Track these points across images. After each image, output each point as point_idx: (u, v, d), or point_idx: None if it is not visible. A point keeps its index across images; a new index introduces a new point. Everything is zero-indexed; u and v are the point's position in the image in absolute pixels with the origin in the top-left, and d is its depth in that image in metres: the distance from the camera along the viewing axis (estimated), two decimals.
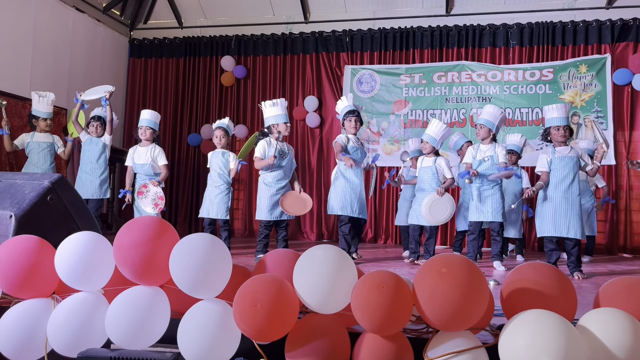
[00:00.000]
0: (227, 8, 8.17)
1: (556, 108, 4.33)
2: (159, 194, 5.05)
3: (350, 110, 4.95)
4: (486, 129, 4.65)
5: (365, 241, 7.41)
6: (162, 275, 1.88)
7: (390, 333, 1.68)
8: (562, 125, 4.26)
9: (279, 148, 4.92)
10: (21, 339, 1.90)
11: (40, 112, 5.39)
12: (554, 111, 4.32)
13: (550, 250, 4.29)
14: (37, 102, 5.36)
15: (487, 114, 4.70)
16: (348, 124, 4.93)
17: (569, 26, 7.02)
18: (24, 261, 1.96)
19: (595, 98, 6.84)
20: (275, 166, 4.89)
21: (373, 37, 7.66)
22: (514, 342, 1.47)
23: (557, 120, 4.28)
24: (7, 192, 2.41)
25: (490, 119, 4.65)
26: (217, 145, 5.33)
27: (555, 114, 4.30)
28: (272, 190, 4.90)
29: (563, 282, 1.65)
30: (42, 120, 5.39)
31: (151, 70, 8.40)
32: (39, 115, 5.39)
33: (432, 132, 4.92)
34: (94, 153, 5.36)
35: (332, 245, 1.82)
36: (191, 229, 7.88)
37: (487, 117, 4.67)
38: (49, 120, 5.43)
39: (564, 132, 4.26)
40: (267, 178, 4.94)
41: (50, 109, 5.43)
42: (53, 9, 6.82)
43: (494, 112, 4.67)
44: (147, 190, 5.02)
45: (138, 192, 5.05)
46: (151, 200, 5.00)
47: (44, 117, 5.39)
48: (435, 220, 4.78)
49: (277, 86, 7.96)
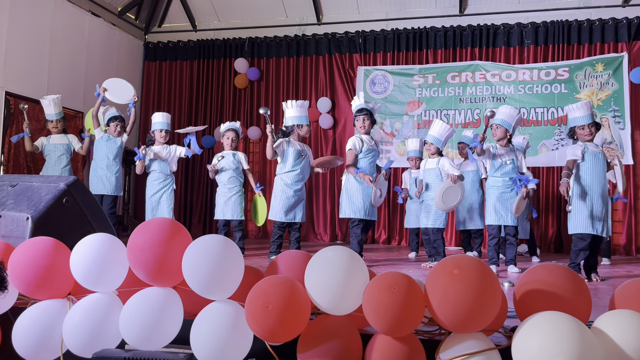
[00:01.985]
0: (241, 11, 8.21)
1: (578, 107, 4.23)
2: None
3: (360, 108, 4.89)
4: (503, 129, 4.54)
5: (379, 243, 7.39)
6: (175, 276, 1.89)
7: (402, 335, 1.67)
8: (586, 124, 4.18)
9: (298, 148, 4.92)
10: (37, 340, 1.93)
11: (48, 115, 5.52)
12: (575, 110, 4.24)
13: (579, 249, 4.11)
14: (46, 105, 5.51)
15: (503, 114, 4.58)
16: (357, 123, 4.91)
17: (585, 25, 6.94)
18: (40, 263, 1.98)
19: (612, 97, 6.75)
20: (296, 164, 4.88)
21: (386, 38, 7.64)
22: (527, 344, 1.46)
23: (580, 119, 4.19)
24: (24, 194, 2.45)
25: (506, 119, 4.53)
26: (228, 147, 5.37)
27: (578, 113, 4.22)
28: (290, 192, 4.88)
29: (577, 284, 1.63)
30: (50, 122, 5.51)
31: (165, 73, 8.47)
32: (47, 118, 5.53)
33: (435, 133, 4.87)
34: (111, 150, 5.41)
35: (343, 247, 1.83)
36: (205, 231, 7.92)
37: (504, 117, 4.55)
38: (55, 121, 5.51)
39: (589, 130, 4.18)
40: (286, 179, 4.91)
41: (56, 110, 5.51)
42: (69, 14, 6.91)
43: (511, 113, 4.56)
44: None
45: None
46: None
47: (50, 119, 5.50)
48: (446, 207, 4.74)
49: (290, 88, 7.97)
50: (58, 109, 5.52)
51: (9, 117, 6.01)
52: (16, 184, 2.55)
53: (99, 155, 5.43)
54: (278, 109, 7.97)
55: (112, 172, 5.39)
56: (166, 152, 5.32)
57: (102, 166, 5.38)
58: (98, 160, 5.43)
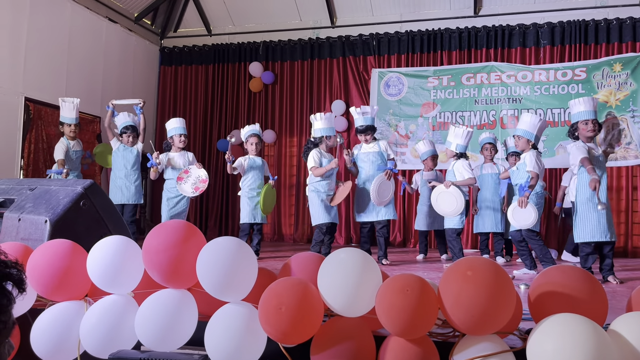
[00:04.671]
0: (255, 15, 8.26)
1: (583, 101, 4.13)
2: (201, 177, 5.20)
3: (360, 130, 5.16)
4: (524, 140, 4.40)
5: (394, 245, 7.36)
6: (189, 278, 1.91)
7: (416, 337, 1.66)
8: (590, 119, 4.05)
9: (328, 159, 5.07)
10: (55, 341, 1.96)
11: (65, 118, 5.44)
12: (580, 105, 4.13)
13: (587, 254, 4.08)
14: (63, 108, 5.43)
15: (524, 123, 4.42)
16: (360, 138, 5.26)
17: (602, 24, 6.85)
18: (58, 265, 2.02)
19: (630, 97, 6.64)
20: (328, 174, 5.05)
21: (400, 40, 7.62)
22: (542, 346, 1.44)
23: (584, 114, 4.08)
24: (42, 198, 2.49)
25: (528, 128, 4.38)
26: (252, 152, 5.41)
27: (582, 108, 4.11)
28: (323, 196, 5.05)
29: (592, 285, 1.61)
30: (67, 126, 5.44)
31: (181, 78, 8.55)
32: (63, 121, 5.46)
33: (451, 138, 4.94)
34: (128, 160, 5.47)
35: (356, 249, 1.83)
36: (221, 234, 7.96)
37: (525, 127, 4.40)
38: (73, 126, 5.45)
39: (592, 126, 4.05)
40: (319, 187, 5.05)
41: (75, 115, 5.44)
42: (87, 20, 7.02)
43: (532, 121, 4.39)
44: (187, 176, 5.17)
45: (178, 178, 5.19)
46: (191, 185, 5.16)
47: (68, 123, 5.44)
48: (440, 211, 4.91)
49: (305, 91, 8.00)
50: (77, 114, 5.51)
51: (28, 122, 6.11)
52: (35, 188, 2.60)
53: (117, 166, 5.49)
54: (293, 112, 8.01)
55: (131, 181, 5.44)
56: (184, 160, 5.38)
57: (121, 176, 5.45)
58: (116, 170, 5.49)
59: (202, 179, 5.19)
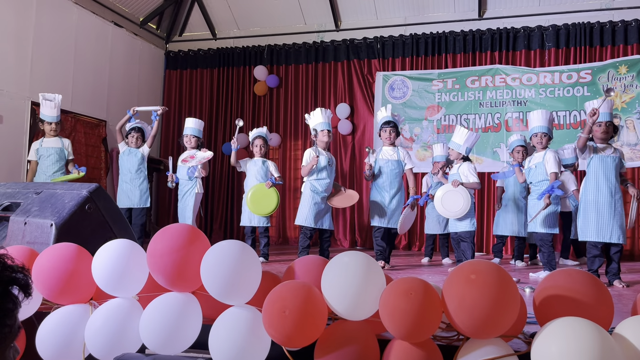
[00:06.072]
0: (260, 19, 8.29)
1: (599, 102, 4.05)
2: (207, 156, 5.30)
3: (386, 120, 5.00)
4: (545, 137, 4.46)
5: (399, 248, 7.35)
6: (193, 281, 1.92)
7: (419, 340, 1.66)
8: (604, 121, 4.02)
9: (326, 157, 4.99)
10: (60, 344, 1.97)
11: (45, 116, 5.21)
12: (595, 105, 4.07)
13: (593, 256, 4.05)
14: (43, 105, 5.19)
15: (538, 120, 4.45)
16: (383, 134, 5.03)
17: (607, 26, 6.83)
18: (64, 268, 2.03)
19: (636, 99, 6.61)
20: (319, 169, 4.93)
21: (404, 43, 7.63)
22: (546, 350, 1.44)
23: (600, 115, 4.00)
24: (48, 201, 2.51)
25: (546, 124, 4.43)
26: (256, 154, 5.39)
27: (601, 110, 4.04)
28: (317, 198, 4.92)
29: (598, 289, 1.60)
30: (47, 124, 5.21)
31: (186, 82, 8.59)
32: (44, 119, 5.22)
33: (456, 139, 4.88)
34: (132, 163, 5.45)
35: (360, 252, 1.83)
36: (226, 237, 7.97)
37: (541, 123, 4.43)
38: (54, 124, 5.21)
39: (606, 127, 4.02)
40: (316, 185, 4.95)
41: (56, 113, 5.20)
42: (93, 25, 7.06)
43: (545, 116, 4.43)
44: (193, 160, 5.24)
45: (183, 161, 5.25)
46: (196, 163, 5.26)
47: (49, 121, 5.21)
48: (447, 212, 4.77)
49: (309, 94, 8.01)
50: (59, 112, 5.25)
51: (34, 126, 6.15)
52: (40, 192, 2.62)
53: (123, 170, 5.49)
54: (297, 116, 8.01)
55: (135, 185, 5.42)
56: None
57: (127, 180, 5.44)
58: (122, 174, 5.49)
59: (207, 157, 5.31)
